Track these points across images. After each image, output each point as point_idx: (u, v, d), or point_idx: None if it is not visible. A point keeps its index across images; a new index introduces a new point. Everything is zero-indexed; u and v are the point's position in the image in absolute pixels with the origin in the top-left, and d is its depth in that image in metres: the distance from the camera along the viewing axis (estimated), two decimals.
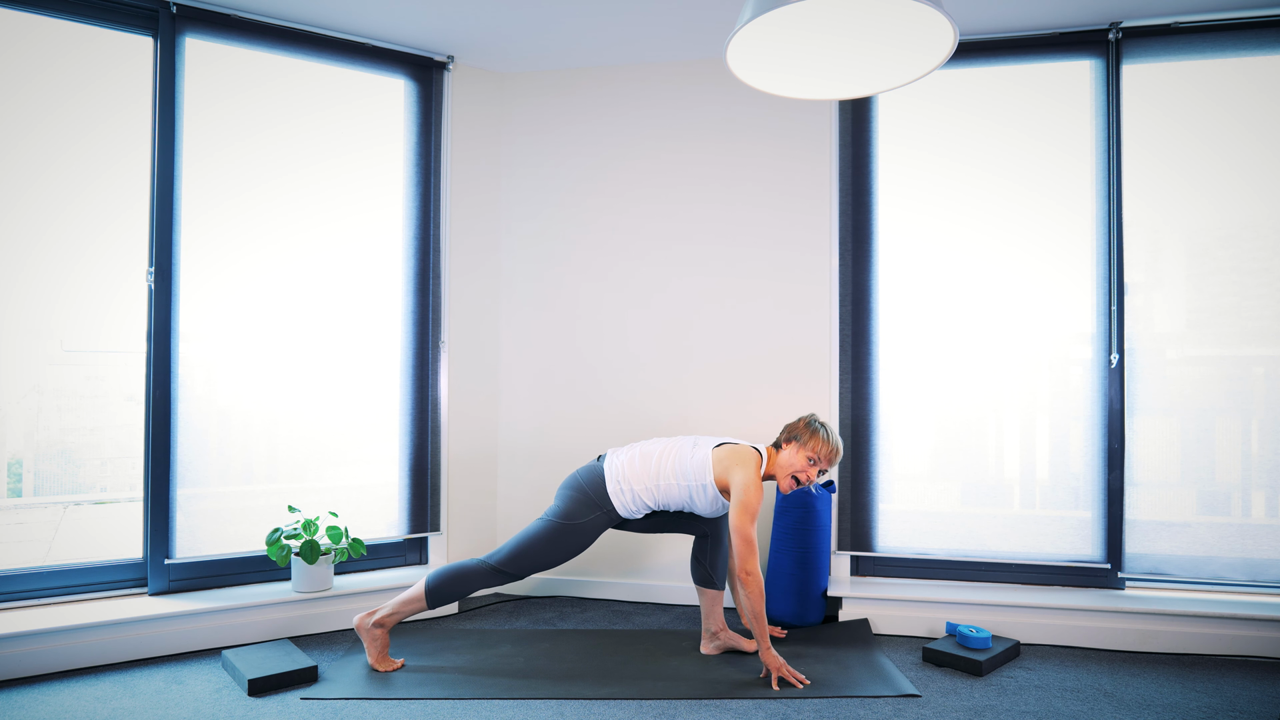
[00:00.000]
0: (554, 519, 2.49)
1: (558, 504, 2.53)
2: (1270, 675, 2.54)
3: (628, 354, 3.41)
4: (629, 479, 2.49)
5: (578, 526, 2.48)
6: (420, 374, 3.31)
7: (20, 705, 2.24)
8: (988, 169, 3.11)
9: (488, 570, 2.49)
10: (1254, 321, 2.90)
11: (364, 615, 2.54)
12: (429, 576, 2.51)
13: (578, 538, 2.49)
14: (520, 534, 2.52)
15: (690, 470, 2.47)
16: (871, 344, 3.19)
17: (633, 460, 2.52)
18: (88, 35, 2.78)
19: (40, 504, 3.50)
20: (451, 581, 2.48)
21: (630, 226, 3.42)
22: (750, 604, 2.36)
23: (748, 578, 2.34)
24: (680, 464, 2.48)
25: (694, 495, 2.49)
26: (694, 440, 2.56)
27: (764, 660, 2.41)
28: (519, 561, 2.48)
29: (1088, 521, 2.99)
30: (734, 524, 2.36)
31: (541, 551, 2.48)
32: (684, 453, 2.50)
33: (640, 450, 2.55)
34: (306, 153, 3.11)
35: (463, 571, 2.49)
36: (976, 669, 2.53)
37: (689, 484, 2.47)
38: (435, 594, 2.48)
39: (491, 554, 2.52)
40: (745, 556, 2.34)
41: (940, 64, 1.78)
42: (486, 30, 3.11)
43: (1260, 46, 2.88)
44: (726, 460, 2.44)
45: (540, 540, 2.48)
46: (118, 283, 2.84)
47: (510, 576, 2.50)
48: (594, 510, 2.50)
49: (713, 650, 2.69)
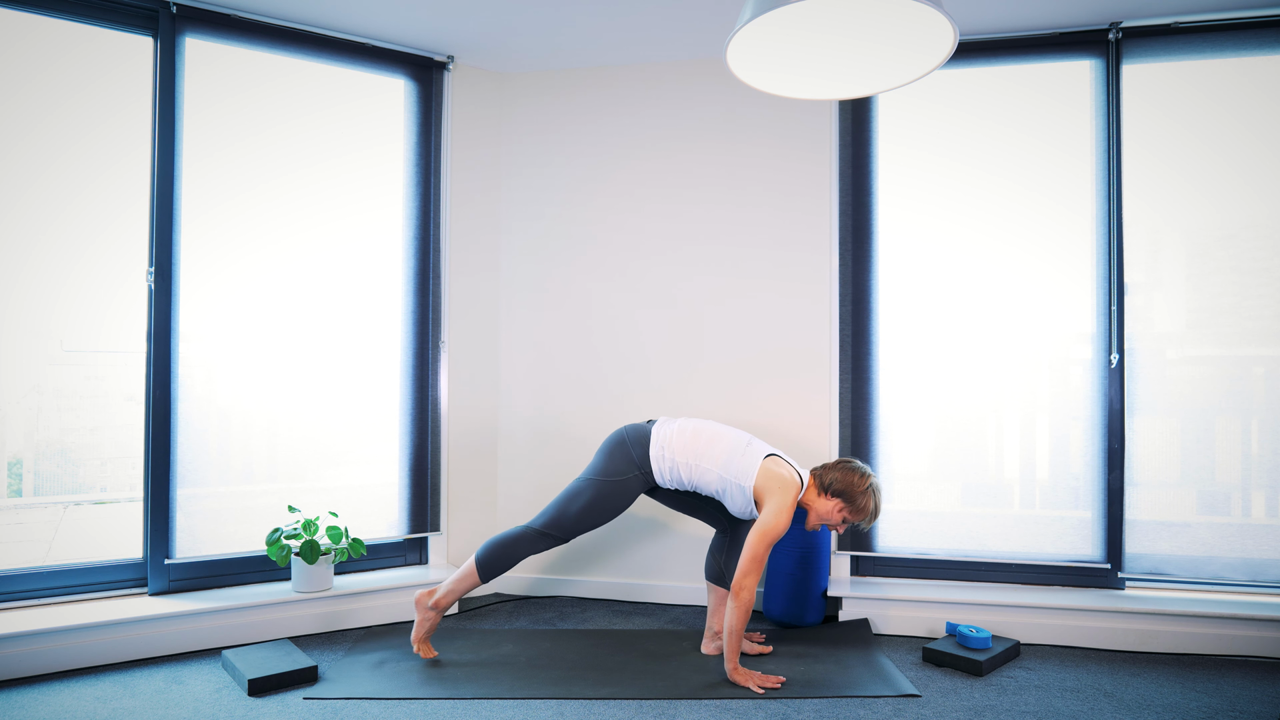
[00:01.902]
0: (593, 477, 2.52)
1: (597, 461, 2.55)
2: (1270, 675, 2.54)
3: (627, 354, 3.41)
4: (673, 449, 2.51)
5: (616, 484, 2.50)
6: (420, 374, 3.31)
7: (20, 705, 2.24)
8: (988, 169, 3.11)
9: (534, 534, 2.53)
10: (1254, 321, 2.90)
11: (425, 593, 2.60)
12: (479, 551, 2.56)
13: (616, 498, 2.51)
14: (560, 495, 2.55)
15: (735, 468, 2.47)
16: (871, 344, 3.19)
17: (683, 432, 2.54)
18: (88, 35, 2.78)
19: (40, 504, 3.50)
20: (500, 552, 2.53)
21: (631, 227, 3.42)
22: (732, 619, 2.35)
23: (740, 593, 2.34)
24: (728, 457, 2.48)
25: (729, 490, 2.49)
26: (749, 440, 2.55)
27: (733, 679, 2.39)
28: (562, 523, 2.51)
29: (1088, 521, 2.99)
30: (750, 541, 2.36)
31: (583, 510, 2.50)
32: (735, 448, 2.50)
33: (693, 427, 2.56)
34: (306, 153, 3.11)
35: (509, 540, 2.53)
36: (976, 669, 2.54)
37: (728, 478, 2.47)
38: (486, 566, 2.53)
39: (535, 518, 2.55)
40: (746, 573, 2.34)
41: (940, 64, 1.78)
42: (486, 30, 3.11)
43: (1260, 46, 2.88)
44: (772, 479, 2.43)
45: (581, 498, 2.51)
46: (118, 283, 2.84)
47: (555, 539, 2.53)
48: (632, 469, 2.51)
49: (714, 650, 2.69)
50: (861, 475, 2.49)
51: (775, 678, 2.40)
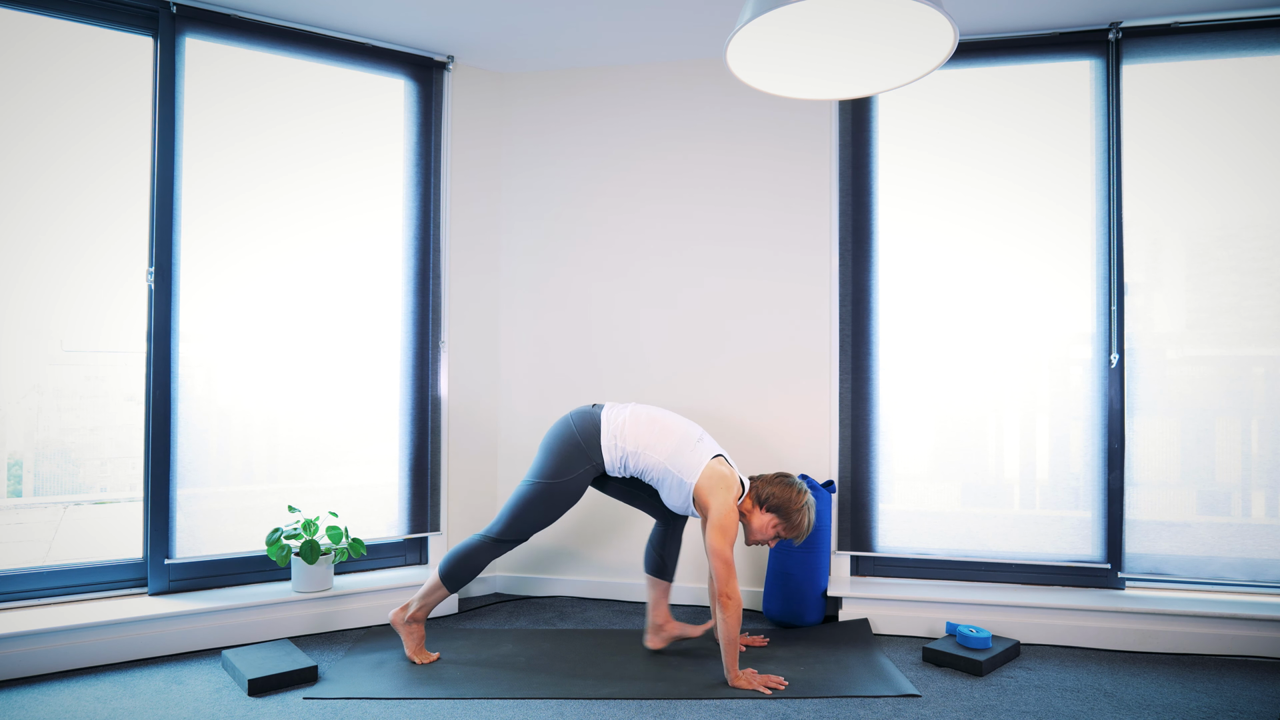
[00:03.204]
0: (541, 480, 2.51)
1: (544, 461, 2.52)
2: (1270, 675, 2.54)
3: (628, 353, 3.41)
4: (624, 437, 2.50)
5: (564, 484, 2.50)
6: (420, 374, 3.31)
7: (20, 705, 2.24)
8: (988, 169, 3.11)
9: (491, 543, 2.54)
10: (1254, 321, 2.90)
11: (397, 611, 2.62)
12: (441, 563, 2.57)
13: (568, 495, 2.51)
14: (510, 501, 2.55)
15: (681, 462, 2.46)
16: (871, 344, 3.19)
17: (636, 419, 2.52)
18: (88, 35, 2.78)
19: (40, 504, 3.50)
20: (461, 563, 2.54)
21: (631, 227, 3.42)
22: (726, 628, 2.35)
23: (728, 601, 2.33)
24: (677, 449, 2.47)
25: (669, 481, 2.48)
26: (700, 436, 2.53)
27: (736, 686, 2.37)
28: (515, 527, 2.52)
29: (1088, 521, 2.99)
30: (713, 546, 2.35)
31: (538, 515, 2.51)
32: (686, 442, 2.49)
33: (647, 414, 2.54)
34: (306, 153, 3.11)
35: (468, 551, 2.54)
36: (976, 669, 2.53)
37: (672, 470, 2.46)
38: (450, 578, 2.55)
39: (490, 526, 2.56)
40: (726, 579, 2.33)
41: (940, 64, 1.78)
42: (486, 30, 3.11)
43: (1260, 46, 2.88)
44: (715, 479, 2.43)
45: (534, 504, 2.51)
46: (118, 283, 2.84)
47: (512, 543, 2.55)
48: (582, 463, 2.50)
49: (660, 644, 2.69)
50: (799, 492, 2.47)
51: (777, 678, 2.40)
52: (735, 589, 2.33)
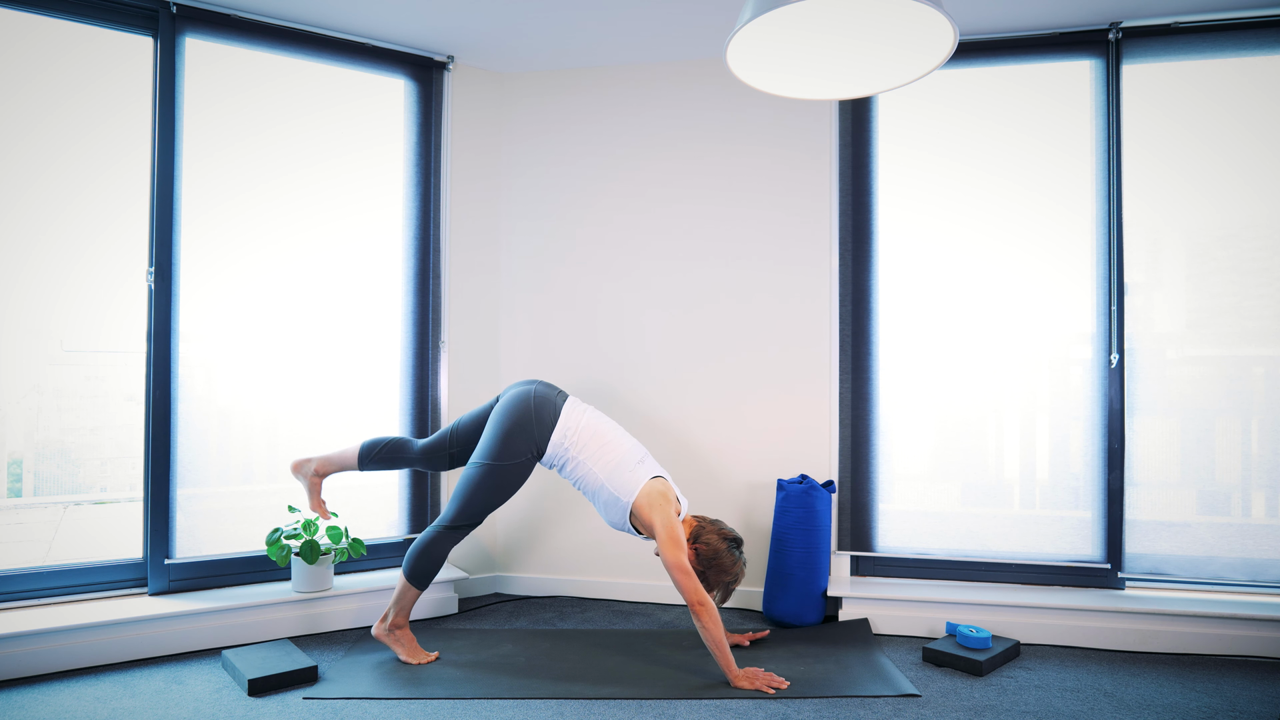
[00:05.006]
0: (491, 462, 2.54)
1: (493, 440, 2.55)
2: (1270, 675, 2.54)
3: (628, 353, 3.41)
4: (573, 441, 2.55)
5: (513, 468, 2.54)
6: (420, 374, 3.31)
7: (20, 705, 2.24)
8: (988, 169, 3.11)
9: (445, 531, 2.56)
10: (1254, 321, 2.90)
11: (378, 624, 2.61)
12: (403, 563, 2.60)
13: (515, 478, 2.56)
14: (459, 485, 2.57)
15: (619, 480, 2.50)
16: (871, 344, 3.19)
17: (591, 430, 2.56)
18: (88, 35, 2.78)
19: (40, 504, 3.50)
20: (422, 557, 2.56)
21: (631, 227, 3.42)
22: (709, 633, 2.34)
23: (701, 607, 2.33)
24: (617, 467, 2.51)
25: (603, 498, 2.53)
26: (642, 457, 2.57)
27: (738, 687, 2.36)
28: (467, 512, 2.55)
29: (1088, 521, 2.99)
30: (669, 560, 2.37)
31: (485, 497, 2.55)
32: (627, 461, 2.53)
33: (596, 428, 2.58)
34: (306, 153, 3.11)
35: (427, 543, 2.56)
36: (976, 669, 2.54)
37: (608, 487, 2.51)
38: (416, 575, 2.56)
39: (443, 514, 2.58)
40: (693, 589, 2.34)
41: (940, 64, 1.78)
42: (487, 30, 3.11)
43: (1260, 46, 2.88)
44: (656, 497, 2.46)
45: (479, 486, 2.54)
46: (118, 283, 2.84)
47: (467, 528, 2.59)
48: (529, 449, 2.55)
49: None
50: (735, 560, 2.51)
51: (779, 678, 2.40)
52: (704, 594, 2.35)
